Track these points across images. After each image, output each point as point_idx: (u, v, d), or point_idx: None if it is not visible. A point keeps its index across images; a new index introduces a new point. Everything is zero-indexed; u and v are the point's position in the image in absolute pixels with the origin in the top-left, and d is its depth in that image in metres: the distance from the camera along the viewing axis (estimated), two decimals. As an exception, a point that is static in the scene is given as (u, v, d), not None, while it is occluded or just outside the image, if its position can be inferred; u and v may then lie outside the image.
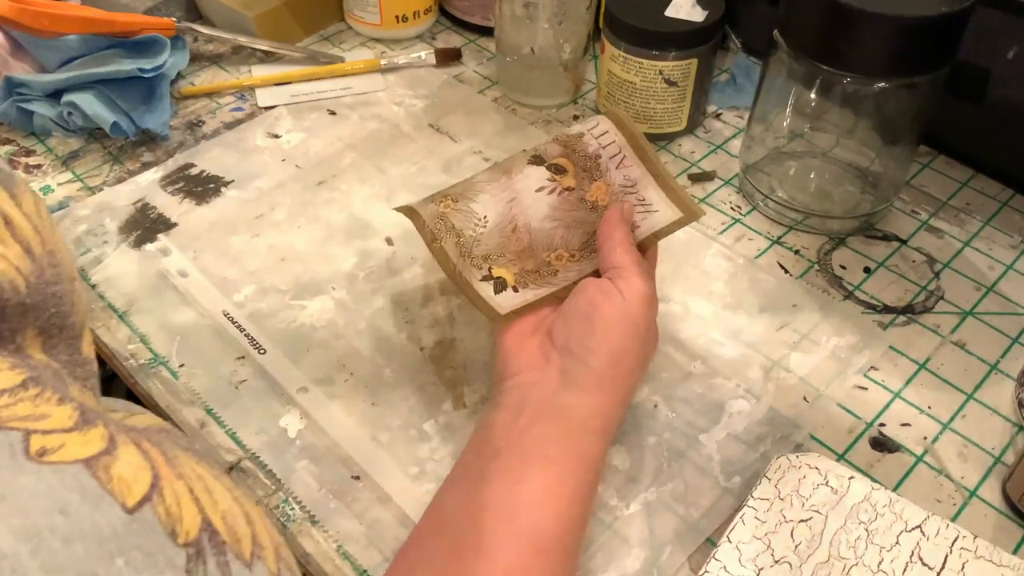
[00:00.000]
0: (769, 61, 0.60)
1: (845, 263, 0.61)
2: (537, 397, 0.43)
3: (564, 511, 0.40)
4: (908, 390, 0.53)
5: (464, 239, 0.49)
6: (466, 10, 0.81)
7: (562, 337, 0.45)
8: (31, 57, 0.70)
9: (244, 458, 0.48)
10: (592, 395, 0.43)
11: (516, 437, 0.42)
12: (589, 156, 0.50)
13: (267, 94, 0.74)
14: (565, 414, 0.42)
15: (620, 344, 0.44)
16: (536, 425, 0.42)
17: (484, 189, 0.51)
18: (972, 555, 0.43)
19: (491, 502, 0.39)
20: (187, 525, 0.23)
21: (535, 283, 0.49)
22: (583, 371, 0.43)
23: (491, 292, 0.48)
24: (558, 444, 0.41)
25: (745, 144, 0.66)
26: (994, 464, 0.50)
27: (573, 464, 0.41)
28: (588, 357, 0.43)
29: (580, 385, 0.43)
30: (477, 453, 0.43)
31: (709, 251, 0.61)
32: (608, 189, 0.50)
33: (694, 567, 0.45)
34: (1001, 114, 0.64)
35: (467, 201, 0.50)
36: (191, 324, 0.55)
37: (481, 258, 0.49)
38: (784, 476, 0.46)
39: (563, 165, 0.51)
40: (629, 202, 0.49)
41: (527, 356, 0.45)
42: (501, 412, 0.43)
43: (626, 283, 0.45)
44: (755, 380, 0.53)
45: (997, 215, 0.65)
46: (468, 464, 0.43)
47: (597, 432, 0.43)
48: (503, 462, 0.41)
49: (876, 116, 0.62)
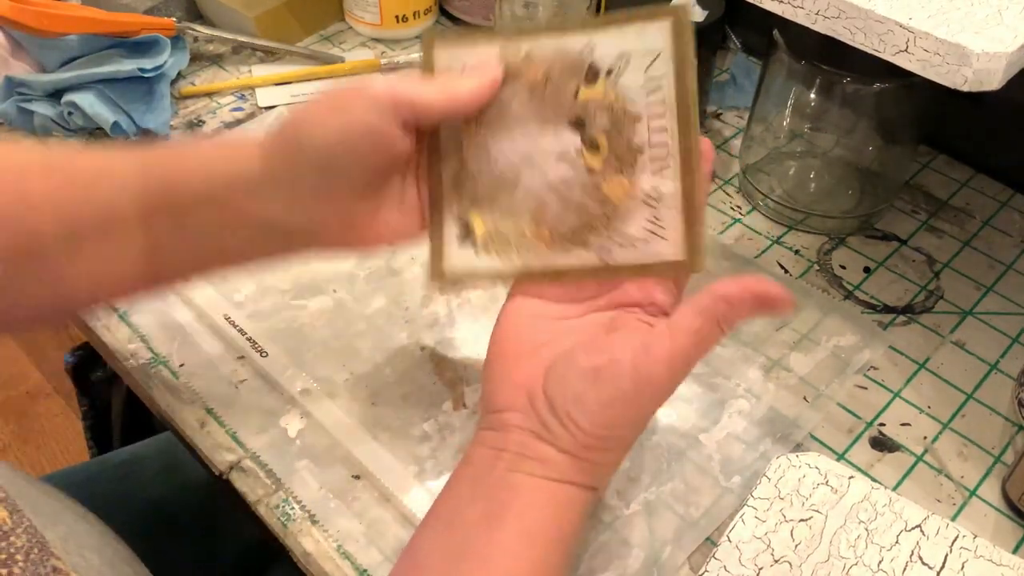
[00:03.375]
0: (769, 61, 0.61)
1: (845, 263, 0.61)
2: (517, 441, 0.39)
3: (540, 558, 0.37)
4: (908, 390, 0.53)
5: (466, 171, 0.43)
6: (466, 10, 0.81)
7: (552, 391, 0.38)
8: (31, 57, 0.71)
9: (244, 458, 0.48)
10: (572, 456, 0.38)
11: (493, 481, 0.38)
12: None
13: (267, 94, 0.74)
14: (544, 466, 0.38)
15: (611, 421, 0.38)
16: (515, 472, 0.38)
17: (515, 125, 0.42)
18: (972, 554, 0.43)
19: (466, 549, 0.37)
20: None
21: (499, 252, 0.42)
22: (563, 434, 0.38)
23: (454, 238, 0.43)
24: (536, 492, 0.38)
25: (745, 144, 0.66)
26: (994, 464, 0.50)
27: (552, 513, 0.38)
28: (571, 426, 0.38)
29: (560, 445, 0.38)
30: (456, 493, 0.39)
31: (709, 251, 0.61)
32: (628, 193, 0.41)
33: (694, 567, 0.45)
34: (1001, 114, 0.64)
35: (492, 130, 0.43)
36: (191, 324, 0.55)
37: (469, 199, 0.43)
38: (784, 476, 0.46)
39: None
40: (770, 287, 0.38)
41: (515, 393, 0.39)
42: (480, 450, 0.40)
43: (650, 363, 0.37)
44: (755, 380, 0.53)
45: (997, 215, 0.65)
46: (446, 504, 0.40)
47: (579, 486, 0.39)
48: (481, 505, 0.38)
49: (876, 116, 0.62)
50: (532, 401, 0.39)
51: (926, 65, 0.38)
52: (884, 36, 0.39)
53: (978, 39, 0.37)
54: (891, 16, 0.39)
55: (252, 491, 0.47)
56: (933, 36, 0.38)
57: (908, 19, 0.38)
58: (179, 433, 0.51)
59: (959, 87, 0.38)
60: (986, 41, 0.37)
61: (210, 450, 0.49)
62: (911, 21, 0.38)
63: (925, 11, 0.39)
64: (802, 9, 0.41)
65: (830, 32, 0.41)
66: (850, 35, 0.40)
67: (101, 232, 0.40)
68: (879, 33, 0.39)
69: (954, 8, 0.39)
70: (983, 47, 0.37)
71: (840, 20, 0.40)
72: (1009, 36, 0.37)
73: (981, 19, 0.38)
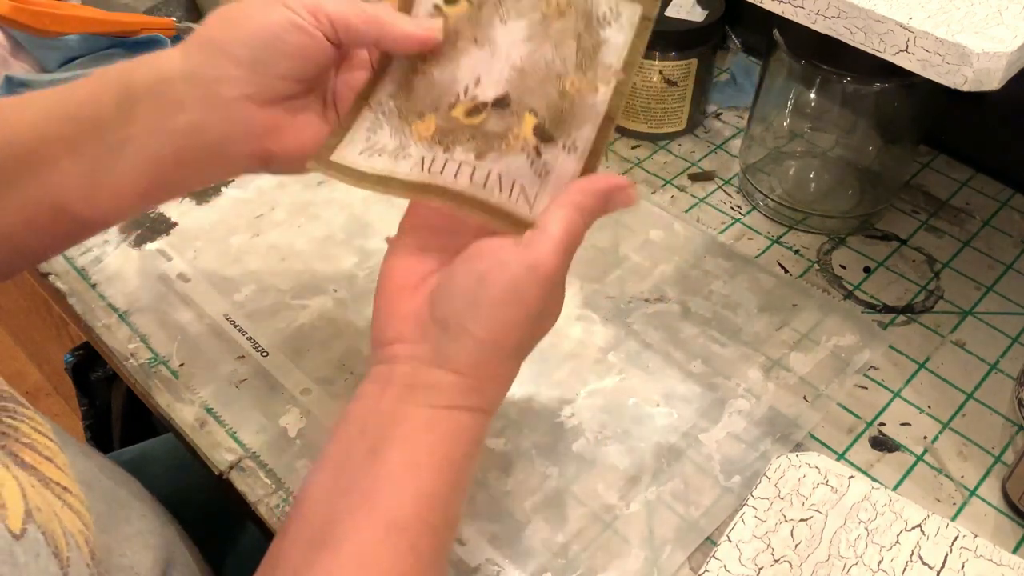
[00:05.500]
0: (769, 61, 0.61)
1: (845, 263, 0.61)
2: (405, 372, 0.39)
3: (425, 487, 0.37)
4: (908, 390, 0.53)
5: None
6: (466, 10, 0.81)
7: (441, 309, 0.39)
8: (31, 57, 0.71)
9: (244, 457, 0.48)
10: (465, 376, 0.38)
11: (380, 415, 0.38)
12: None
13: (267, 94, 0.74)
14: (433, 392, 0.38)
15: (504, 324, 0.38)
16: (402, 403, 0.38)
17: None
18: (972, 554, 0.43)
19: (350, 487, 0.37)
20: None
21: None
22: (456, 351, 0.38)
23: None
24: (422, 421, 0.38)
25: (745, 144, 0.66)
26: (994, 464, 0.50)
27: (438, 440, 0.38)
28: (464, 337, 0.38)
29: (452, 366, 0.38)
30: (345, 433, 0.39)
31: (709, 251, 0.61)
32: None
33: (694, 566, 0.45)
34: (1001, 114, 0.65)
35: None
36: (191, 324, 0.55)
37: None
38: (784, 475, 0.46)
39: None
40: (617, 182, 0.40)
41: (402, 324, 0.39)
42: (369, 386, 0.40)
43: (533, 254, 0.37)
44: (755, 380, 0.53)
45: (997, 215, 0.65)
46: (335, 444, 0.39)
47: (469, 410, 0.39)
48: (365, 442, 0.38)
49: (876, 116, 0.62)
50: (421, 327, 0.39)
51: (926, 65, 0.38)
52: (884, 36, 0.39)
53: (978, 39, 0.37)
54: (891, 16, 0.39)
55: (252, 491, 0.47)
56: (933, 36, 0.38)
57: (908, 19, 0.38)
58: (179, 433, 0.51)
59: (959, 87, 0.38)
60: (986, 41, 0.37)
61: (210, 450, 0.49)
62: (911, 21, 0.38)
63: (925, 11, 0.39)
64: (802, 9, 0.41)
65: (830, 32, 0.41)
66: (850, 35, 0.40)
67: (27, 159, 0.41)
68: (879, 33, 0.39)
69: (954, 8, 0.39)
70: (983, 47, 0.37)
71: (840, 20, 0.40)
72: (1009, 36, 0.37)
73: (981, 19, 0.38)
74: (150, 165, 0.42)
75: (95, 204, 0.43)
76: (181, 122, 0.40)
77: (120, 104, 0.40)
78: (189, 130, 0.41)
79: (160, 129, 0.41)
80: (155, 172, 0.42)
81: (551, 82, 0.42)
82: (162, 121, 0.40)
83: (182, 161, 0.42)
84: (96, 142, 0.41)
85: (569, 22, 0.42)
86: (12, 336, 1.53)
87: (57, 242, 0.46)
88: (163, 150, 0.41)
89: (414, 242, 0.42)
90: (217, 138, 0.41)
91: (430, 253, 0.41)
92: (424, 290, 0.40)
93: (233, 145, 0.42)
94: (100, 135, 0.41)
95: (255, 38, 0.40)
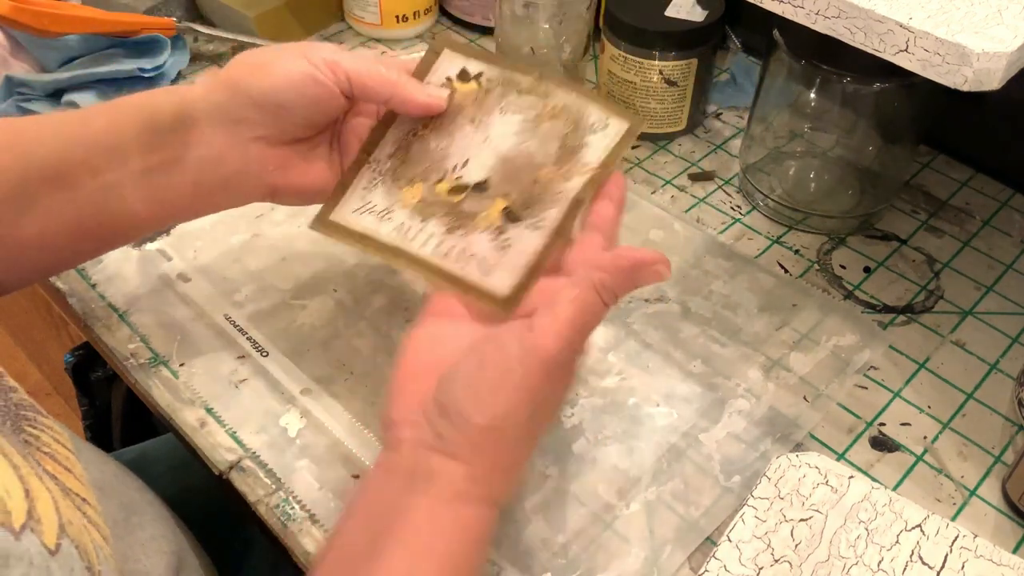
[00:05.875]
0: (769, 61, 0.61)
1: (845, 263, 0.61)
2: (408, 458, 0.37)
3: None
4: (908, 389, 0.53)
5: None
6: (466, 10, 0.81)
7: (442, 392, 0.37)
8: (31, 57, 0.71)
9: (244, 457, 0.48)
10: (468, 464, 0.37)
11: (383, 506, 0.37)
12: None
13: (267, 94, 0.74)
14: (435, 480, 0.37)
15: (503, 409, 0.36)
16: (404, 494, 0.37)
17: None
18: (972, 554, 0.43)
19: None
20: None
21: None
22: (456, 436, 0.37)
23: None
24: (423, 514, 0.36)
25: (745, 144, 0.66)
26: (994, 464, 0.50)
27: (439, 535, 0.36)
28: (462, 422, 0.36)
29: (452, 451, 0.37)
30: (349, 525, 0.38)
31: (709, 251, 0.61)
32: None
33: (694, 566, 0.45)
34: (1001, 114, 0.65)
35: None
36: (191, 323, 0.55)
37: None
38: (784, 475, 0.46)
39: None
40: None
41: (407, 407, 0.39)
42: (374, 472, 0.39)
43: (533, 337, 0.36)
44: (755, 380, 0.53)
45: (997, 215, 0.65)
46: (340, 536, 0.38)
47: (472, 500, 0.37)
48: (367, 535, 0.37)
49: (876, 116, 0.62)
50: (424, 410, 0.38)
51: (926, 65, 0.38)
52: (884, 36, 0.39)
53: (978, 39, 0.37)
54: (891, 16, 0.39)
55: (252, 491, 0.47)
56: (933, 36, 0.38)
57: (908, 19, 0.38)
58: (179, 433, 0.51)
59: (959, 87, 0.38)
60: (986, 41, 0.37)
61: (210, 450, 0.49)
62: (911, 21, 0.38)
63: (925, 11, 0.39)
64: (802, 9, 0.41)
65: (830, 32, 0.41)
66: (850, 35, 0.40)
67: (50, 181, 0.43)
68: (879, 33, 0.39)
69: (954, 8, 0.39)
70: (983, 47, 0.37)
71: (840, 20, 0.40)
72: (1009, 36, 0.37)
73: (981, 19, 0.38)
74: (168, 192, 0.45)
75: (112, 225, 0.46)
76: (202, 155, 0.44)
77: (141, 134, 0.43)
78: (208, 163, 0.44)
79: (181, 160, 0.44)
80: (172, 199, 0.45)
81: (528, 171, 0.45)
82: (184, 152, 0.44)
83: (198, 190, 0.45)
84: (118, 169, 0.43)
85: (559, 124, 0.46)
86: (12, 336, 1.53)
87: (72, 257, 0.49)
88: (182, 179, 0.45)
89: (433, 331, 0.41)
90: (232, 172, 0.45)
91: (447, 340, 0.40)
92: (433, 375, 0.38)
93: (245, 178, 0.46)
94: (122, 162, 0.43)
95: (276, 87, 0.43)
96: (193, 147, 0.44)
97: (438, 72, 0.48)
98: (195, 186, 0.45)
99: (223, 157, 0.44)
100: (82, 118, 0.44)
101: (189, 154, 0.44)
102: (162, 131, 0.43)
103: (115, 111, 0.44)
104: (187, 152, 0.44)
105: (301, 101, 0.44)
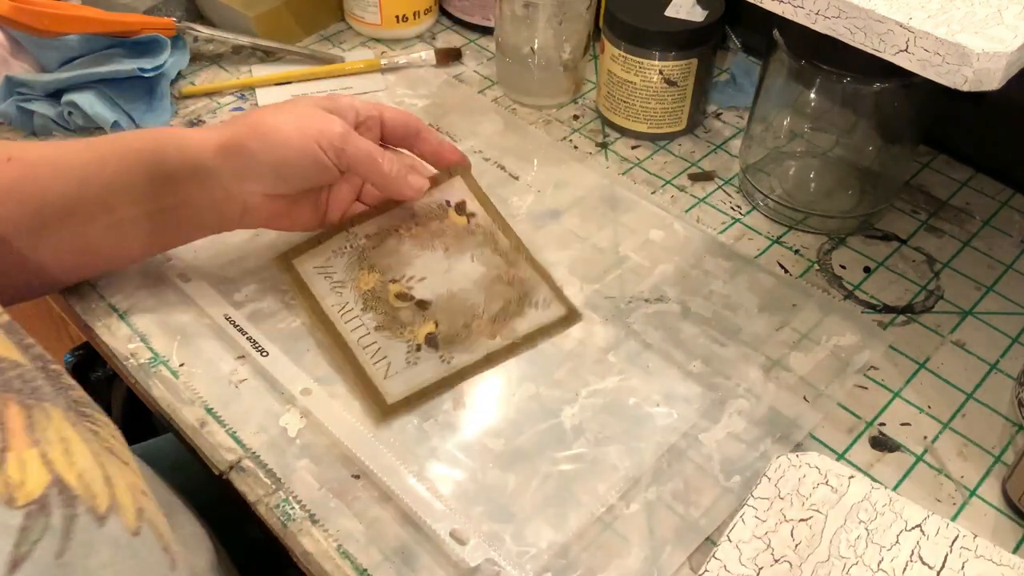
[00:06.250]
0: (769, 61, 0.61)
1: (845, 263, 0.61)
2: None
3: None
4: (908, 389, 0.53)
5: None
6: (466, 10, 0.81)
7: None
8: (31, 57, 0.71)
9: (244, 457, 0.48)
10: None
11: None
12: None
13: (267, 94, 0.74)
14: None
15: None
16: None
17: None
18: (972, 554, 0.43)
19: None
20: (30, 487, 0.26)
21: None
22: None
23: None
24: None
25: (745, 144, 0.66)
26: (994, 464, 0.50)
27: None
28: None
29: None
30: None
31: (709, 251, 0.61)
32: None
33: (694, 566, 0.45)
34: (1001, 114, 0.65)
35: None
36: (191, 324, 0.55)
37: None
38: (784, 475, 0.46)
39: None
40: None
41: None
42: None
43: None
44: (755, 380, 0.53)
45: (997, 215, 0.65)
46: None
47: None
48: None
49: (876, 116, 0.62)
50: None
51: (926, 65, 0.38)
52: (884, 36, 0.39)
53: (978, 39, 0.37)
54: (891, 16, 0.39)
55: (252, 491, 0.47)
56: (933, 36, 0.38)
57: (908, 19, 0.38)
58: (179, 433, 0.51)
59: (959, 87, 0.38)
60: (986, 41, 0.37)
61: (210, 450, 0.49)
62: (911, 21, 0.38)
63: (925, 11, 0.39)
64: (802, 9, 0.41)
65: (830, 32, 0.41)
66: (850, 35, 0.40)
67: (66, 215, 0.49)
68: (879, 33, 0.39)
69: (954, 8, 0.39)
70: (983, 47, 0.37)
71: (840, 20, 0.40)
72: (1009, 36, 0.37)
73: (981, 19, 0.38)
74: (176, 230, 0.53)
75: (123, 252, 0.53)
76: (211, 201, 0.51)
77: (153, 180, 0.50)
78: (215, 209, 0.52)
79: (192, 205, 0.51)
80: (177, 233, 0.54)
81: (466, 315, 0.53)
82: (196, 198, 0.51)
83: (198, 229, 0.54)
84: (131, 208, 0.50)
85: (510, 291, 0.55)
86: (12, 336, 1.53)
87: (79, 276, 0.55)
88: (190, 220, 0.53)
89: None
90: (233, 217, 0.53)
91: None
92: None
93: (243, 222, 0.54)
94: (136, 203, 0.50)
95: (284, 161, 0.50)
96: (204, 196, 0.51)
97: (441, 194, 0.57)
98: (196, 227, 0.53)
99: (228, 206, 0.52)
100: (100, 158, 0.50)
101: (199, 201, 0.51)
102: (174, 180, 0.50)
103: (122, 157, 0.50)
104: (193, 199, 0.51)
105: (303, 174, 0.51)
